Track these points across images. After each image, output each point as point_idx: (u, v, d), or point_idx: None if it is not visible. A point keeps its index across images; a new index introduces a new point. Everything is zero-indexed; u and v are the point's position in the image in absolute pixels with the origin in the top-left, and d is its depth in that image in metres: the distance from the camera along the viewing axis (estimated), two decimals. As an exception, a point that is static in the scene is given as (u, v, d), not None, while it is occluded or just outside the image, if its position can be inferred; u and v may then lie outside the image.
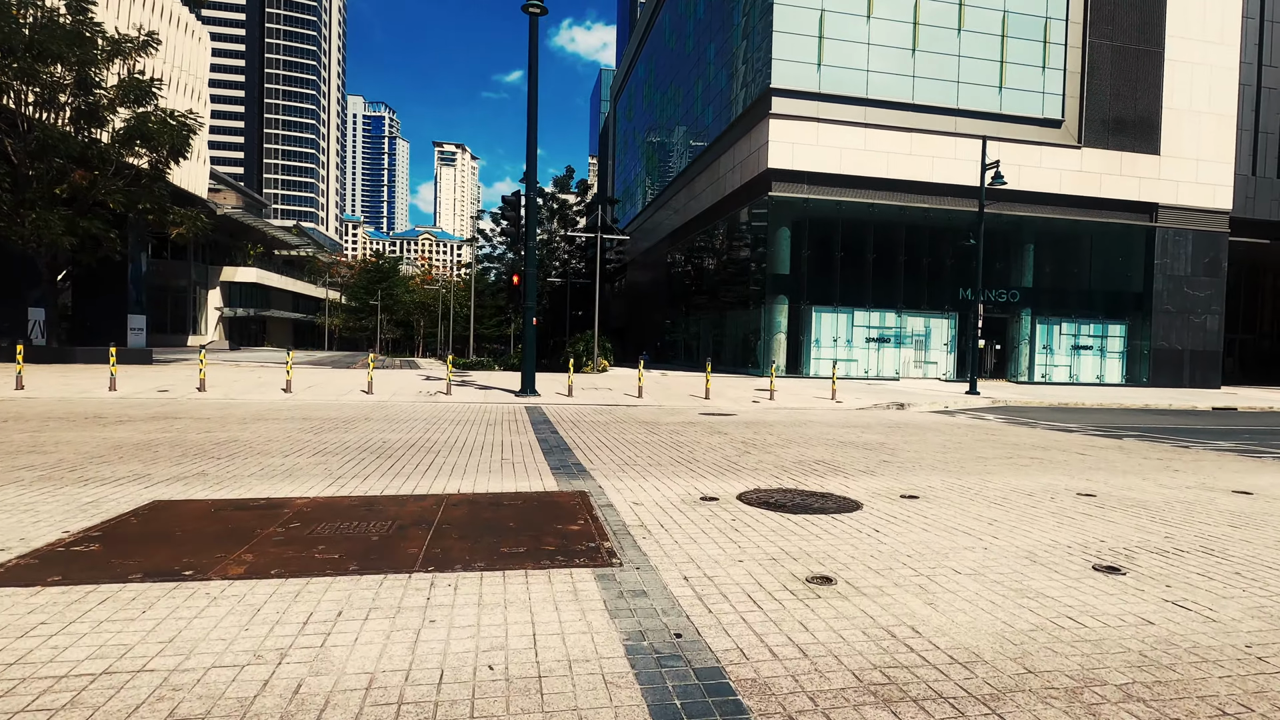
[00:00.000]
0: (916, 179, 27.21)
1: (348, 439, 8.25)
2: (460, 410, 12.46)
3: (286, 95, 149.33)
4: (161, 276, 56.00)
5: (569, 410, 13.24)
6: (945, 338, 28.56)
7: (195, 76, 45.09)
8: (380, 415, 11.20)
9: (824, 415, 13.85)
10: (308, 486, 5.38)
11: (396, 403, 13.63)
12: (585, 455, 7.53)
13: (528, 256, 15.61)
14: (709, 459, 7.48)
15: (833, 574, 3.54)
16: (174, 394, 13.92)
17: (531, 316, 15.55)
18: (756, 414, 13.64)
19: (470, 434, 9.08)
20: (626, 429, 10.28)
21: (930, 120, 27.37)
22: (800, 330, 27.42)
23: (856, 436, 10.16)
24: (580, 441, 8.68)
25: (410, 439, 8.42)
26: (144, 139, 20.35)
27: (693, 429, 10.54)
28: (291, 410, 11.65)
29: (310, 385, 16.39)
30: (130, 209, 21.47)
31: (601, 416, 12.16)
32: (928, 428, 11.84)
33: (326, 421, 10.07)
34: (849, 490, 5.87)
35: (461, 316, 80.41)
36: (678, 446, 8.48)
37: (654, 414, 12.96)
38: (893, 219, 27.70)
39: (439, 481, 5.72)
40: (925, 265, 28.23)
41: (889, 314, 27.94)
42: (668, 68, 43.74)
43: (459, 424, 10.28)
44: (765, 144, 26.09)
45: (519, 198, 15.56)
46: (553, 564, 3.57)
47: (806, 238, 27.06)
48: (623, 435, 9.51)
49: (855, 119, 26.69)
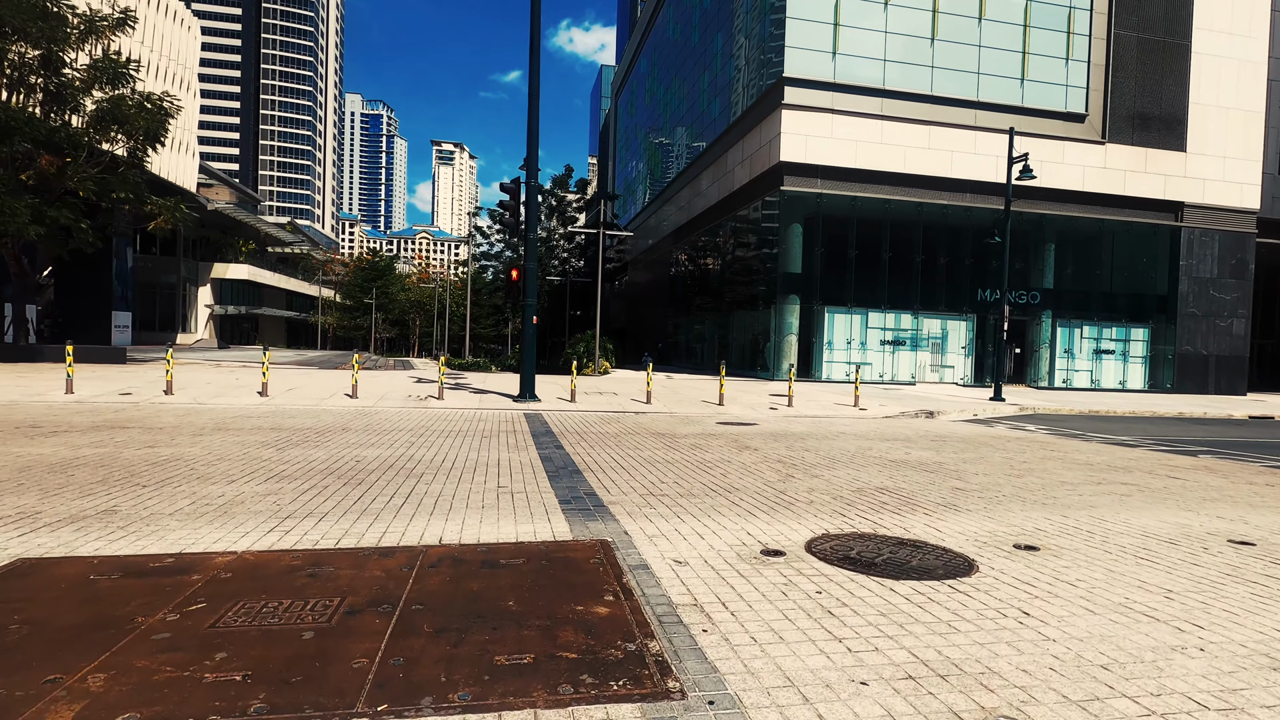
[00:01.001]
0: (934, 174, 25.97)
1: (315, 457, 6.95)
2: (452, 418, 11.16)
3: (282, 91, 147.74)
4: (150, 273, 54.56)
5: (573, 418, 11.95)
6: (963, 340, 27.33)
7: (184, 66, 43.70)
8: (361, 424, 9.89)
9: (853, 425, 12.58)
10: (241, 533, 4.08)
11: (381, 409, 12.33)
12: (599, 480, 6.24)
13: (528, 249, 14.32)
14: (748, 486, 6.19)
15: (1016, 712, 2.26)
16: (137, 398, 12.60)
17: (532, 315, 14.26)
18: (779, 423, 12.36)
19: (461, 449, 7.79)
20: (641, 443, 8.99)
21: (949, 113, 26.14)
22: (812, 332, 26.16)
23: (904, 453, 8.88)
24: (590, 460, 7.39)
25: (390, 457, 7.11)
26: (118, 122, 19.01)
27: (715, 443, 9.26)
28: (261, 418, 10.34)
29: (291, 388, 15.08)
30: (104, 197, 20.12)
31: (610, 426, 10.87)
32: (978, 442, 10.56)
33: (297, 433, 8.76)
34: (942, 535, 4.59)
35: (458, 316, 79.01)
36: (705, 467, 7.19)
37: (667, 423, 11.68)
38: (909, 216, 26.47)
39: (417, 523, 4.42)
40: (943, 265, 27.00)
41: (904, 315, 26.70)
42: (671, 61, 42.50)
43: (449, 436, 8.98)
44: (777, 136, 24.83)
45: (519, 185, 14.29)
46: (577, 692, 2.29)
47: (820, 235, 25.80)
48: (638, 451, 8.22)
49: (871, 110, 25.45)
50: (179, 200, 22.14)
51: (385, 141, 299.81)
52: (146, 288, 54.92)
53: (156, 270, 55.07)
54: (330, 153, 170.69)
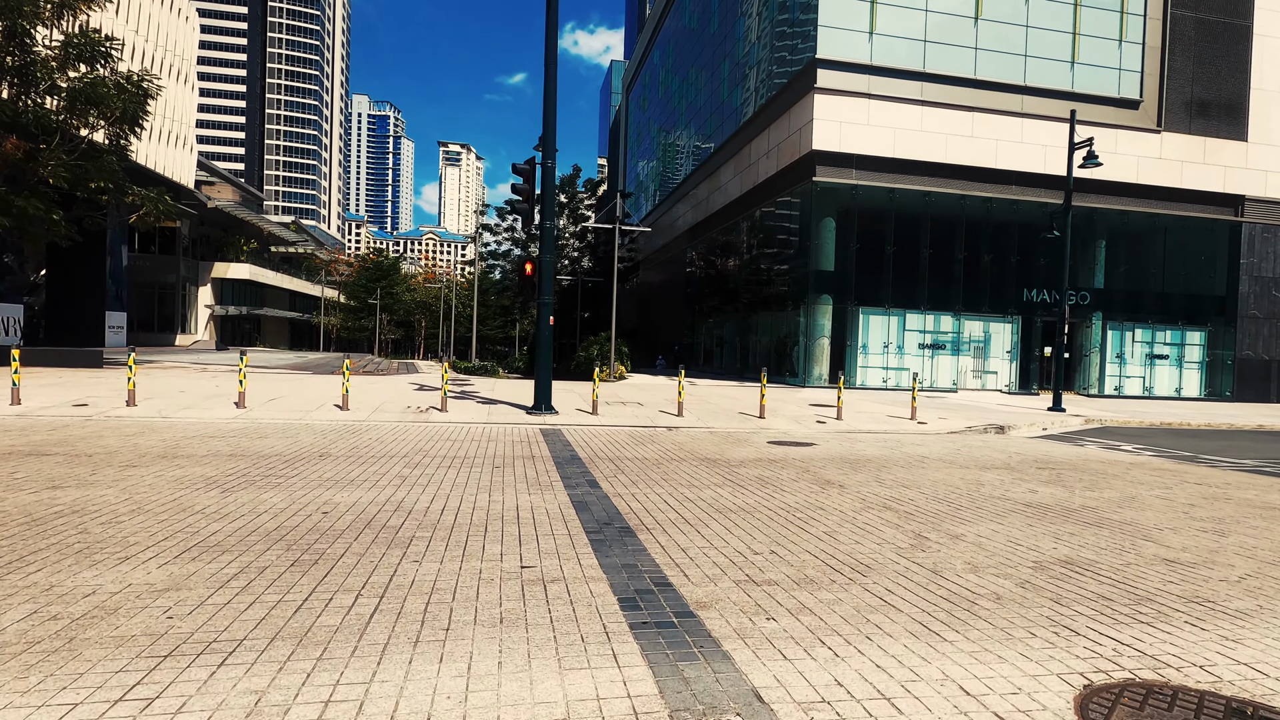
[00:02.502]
0: (978, 164, 24.02)
1: (268, 507, 5.11)
2: (456, 438, 9.31)
3: (288, 91, 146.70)
4: (148, 272, 53.10)
5: (599, 437, 10.09)
6: (1007, 344, 25.33)
7: (181, 57, 42.20)
8: (344, 448, 8.06)
9: (927, 445, 10.68)
10: (62, 709, 2.23)
11: (374, 425, 10.50)
12: (663, 548, 4.37)
13: (544, 240, 12.50)
14: (878, 559, 4.32)
15: None
16: (92, 409, 10.83)
17: (548, 314, 12.42)
18: (840, 443, 10.47)
19: (467, 490, 5.94)
20: (694, 476, 7.11)
21: (994, 98, 24.19)
22: (845, 334, 24.23)
23: (1028, 492, 6.98)
24: (640, 507, 5.53)
25: (370, 505, 5.26)
26: (93, 104, 17.31)
27: (784, 474, 7.38)
28: (226, 438, 8.52)
29: (274, 398, 13.28)
30: (79, 186, 18.43)
31: (646, 449, 9.00)
32: (1095, 469, 8.63)
33: (261, 462, 6.94)
34: (1275, 686, 2.70)
35: (464, 317, 77.33)
36: (797, 520, 5.31)
37: (711, 443, 9.81)
38: (950, 210, 24.52)
39: (389, 671, 2.57)
40: (986, 263, 25.02)
41: (945, 317, 24.74)
42: (688, 51, 40.66)
43: (452, 465, 7.14)
44: (809, 123, 22.94)
45: (533, 167, 12.48)
46: None
47: (854, 230, 23.88)
48: (695, 490, 6.34)
49: (910, 95, 23.53)
50: (163, 191, 20.41)
51: (392, 142, 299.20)
52: (145, 287, 53.47)
53: (155, 269, 53.59)
54: (336, 153, 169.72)
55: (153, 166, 38.45)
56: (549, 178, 12.49)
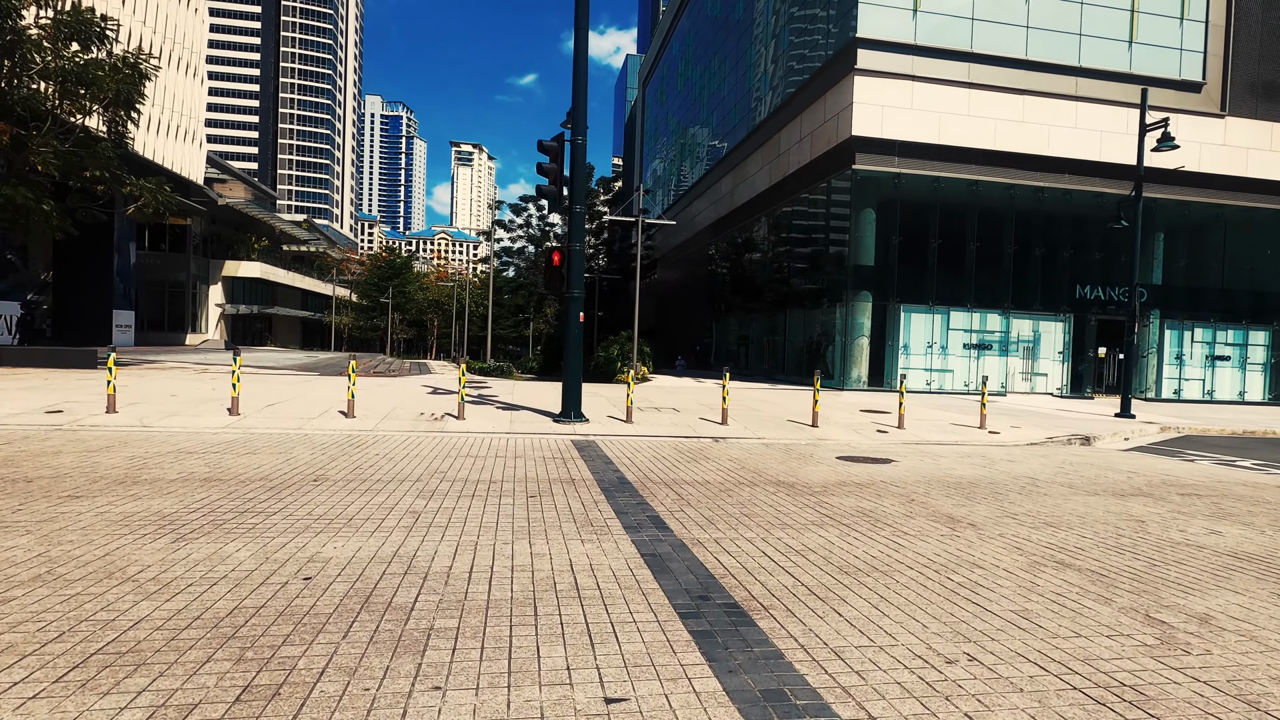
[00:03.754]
0: (1028, 151, 22.35)
1: (229, 567, 3.71)
2: (477, 453, 7.91)
3: (302, 90, 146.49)
4: (158, 270, 52.31)
5: (642, 452, 8.66)
6: (1058, 344, 23.63)
7: (190, 50, 41.20)
8: (344, 470, 6.67)
9: (1024, 463, 9.15)
10: None
11: (382, 436, 9.13)
12: (801, 643, 2.92)
13: (573, 226, 11.09)
14: (1139, 669, 2.84)
15: None
16: (66, 417, 9.55)
17: (578, 309, 11.01)
18: (921, 460, 8.97)
19: (499, 538, 4.51)
20: (781, 511, 5.65)
21: (1046, 80, 22.52)
22: (885, 334, 22.65)
23: (1205, 532, 5.46)
24: (736, 564, 4.07)
25: (369, 565, 3.84)
26: (84, 85, 16.12)
27: (886, 505, 5.91)
28: (205, 454, 7.16)
29: (272, 403, 11.96)
30: (71, 175, 17.25)
31: (703, 468, 7.55)
32: (1263, 498, 7.08)
33: (238, 490, 5.56)
34: None
35: (477, 316, 76.19)
36: (960, 590, 3.84)
37: (774, 460, 8.34)
38: (998, 200, 22.86)
39: None
40: (1037, 257, 23.33)
41: (992, 315, 23.08)
42: (710, 39, 39.14)
43: (475, 495, 5.72)
44: (849, 107, 21.38)
45: (562, 144, 11.07)
46: None
47: (896, 222, 22.28)
48: (795, 535, 4.88)
49: (957, 77, 21.91)
50: (163, 181, 19.19)
51: (405, 143, 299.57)
52: (154, 286, 52.70)
53: (165, 267, 52.76)
54: (349, 153, 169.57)
55: (160, 161, 37.46)
56: (579, 156, 11.09)
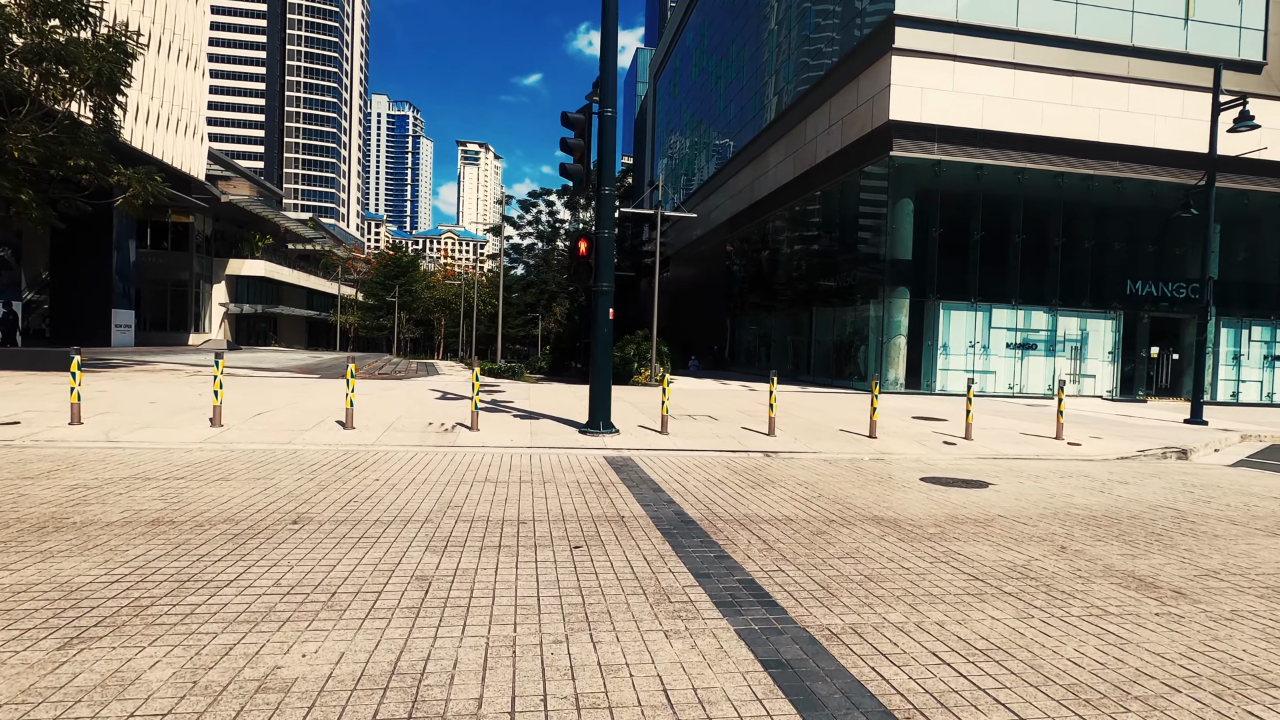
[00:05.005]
0: (1077, 137, 20.84)
1: (131, 691, 2.32)
2: (498, 478, 6.53)
3: (308, 89, 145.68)
4: (160, 269, 51.24)
5: (691, 474, 7.26)
6: (1108, 344, 22.10)
7: (191, 42, 40.06)
8: (334, 503, 5.30)
9: (1143, 485, 7.72)
10: None
11: (384, 453, 7.77)
12: None
13: (601, 210, 9.71)
14: None
15: None
16: (23, 430, 8.26)
17: (608, 304, 9.63)
18: (1019, 483, 7.55)
19: (544, 628, 3.11)
20: (911, 571, 4.23)
21: (1096, 61, 21.00)
22: (922, 333, 21.19)
23: None
24: (912, 684, 2.68)
25: (351, 688, 2.45)
26: (62, 63, 14.86)
27: (1035, 555, 4.49)
28: (165, 484, 5.82)
29: (262, 411, 10.63)
30: (53, 164, 15.99)
31: (774, 497, 6.15)
32: None
33: (189, 539, 4.20)
34: None
35: (484, 315, 74.96)
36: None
37: (851, 484, 6.93)
38: (1044, 190, 21.35)
39: None
40: (1086, 250, 21.80)
41: (1037, 313, 21.57)
42: (728, 25, 37.68)
43: (502, 547, 4.34)
44: (885, 89, 19.93)
45: (589, 117, 9.69)
46: None
47: (936, 213, 20.82)
48: (962, 617, 3.47)
49: (1001, 57, 20.42)
50: (152, 170, 17.90)
51: (411, 142, 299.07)
52: (157, 284, 51.66)
53: (168, 266, 51.69)
54: (355, 151, 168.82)
55: (159, 155, 36.31)
56: (608, 131, 9.70)
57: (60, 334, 37.13)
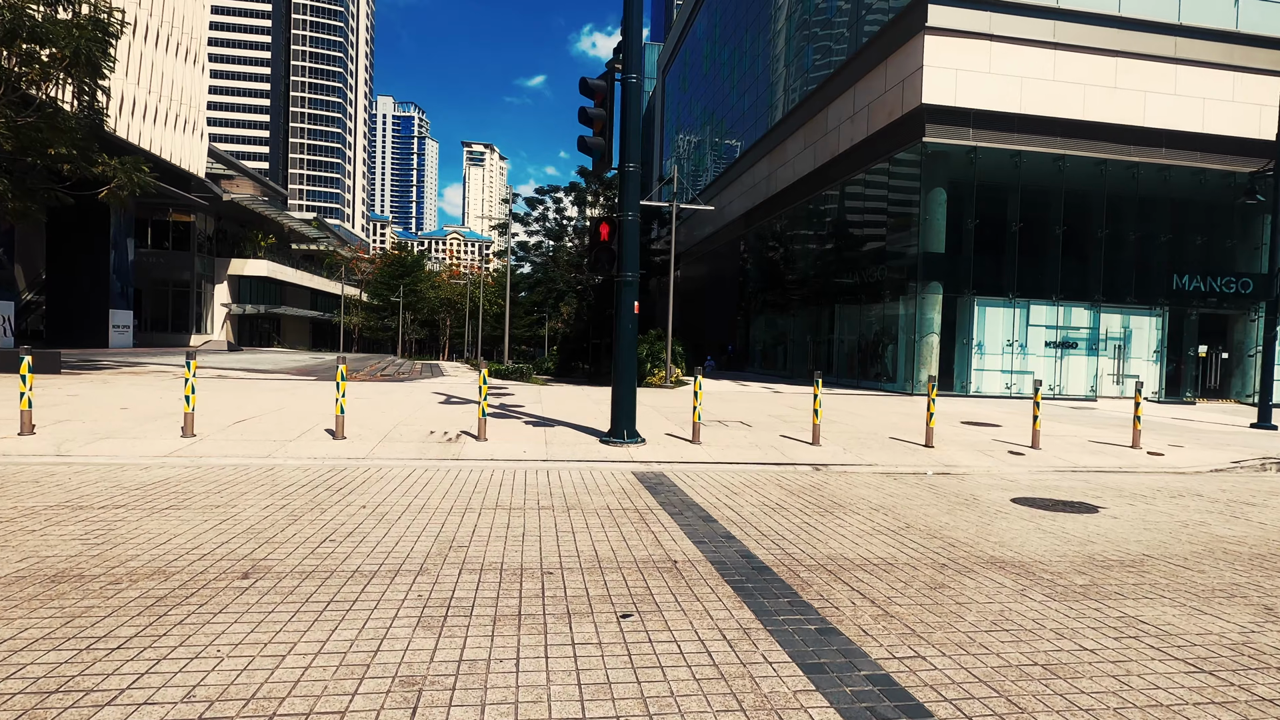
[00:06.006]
0: (1121, 122, 19.54)
1: None
2: (511, 503, 5.34)
3: (313, 89, 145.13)
4: (162, 269, 50.35)
5: (743, 495, 6.06)
6: (1152, 342, 20.77)
7: (190, 35, 39.09)
8: (303, 545, 4.12)
9: (1271, 505, 6.49)
10: None
11: (376, 471, 6.61)
12: None
13: (625, 190, 8.53)
14: None
15: None
16: (-40, 441, 7.13)
17: (633, 297, 8.46)
18: (1135, 508, 6.32)
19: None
20: (1077, 634, 3.02)
21: (1141, 40, 19.71)
22: (956, 330, 19.92)
23: None
24: None
25: None
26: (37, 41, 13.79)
27: (1224, 613, 3.27)
28: (99, 515, 4.66)
29: (244, 418, 9.49)
30: (30, 152, 14.93)
31: (853, 531, 4.94)
32: None
33: (100, 601, 3.03)
34: None
35: (490, 315, 73.90)
36: None
37: (934, 508, 5.71)
38: (1086, 178, 20.06)
39: None
40: (1130, 243, 20.49)
41: (1078, 309, 20.27)
42: (742, 14, 36.47)
43: (524, 615, 3.14)
44: (918, 70, 18.70)
45: (610, 84, 8.50)
46: None
47: (971, 204, 19.56)
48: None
49: (1041, 36, 19.16)
50: (139, 159, 16.83)
51: (417, 143, 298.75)
52: (158, 284, 50.82)
53: (169, 266, 50.78)
54: (361, 152, 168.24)
55: (157, 151, 35.34)
56: (632, 99, 8.51)
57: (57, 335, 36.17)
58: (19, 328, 39.64)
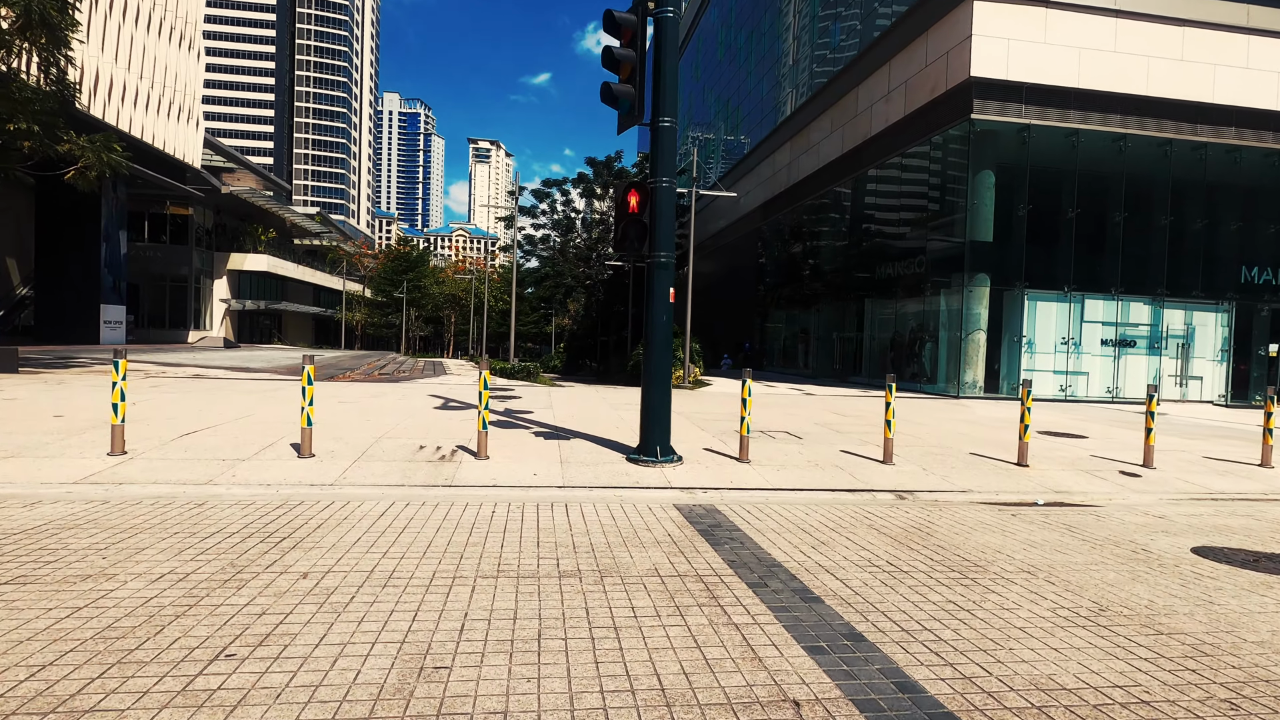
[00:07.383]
0: (1188, 98, 17.78)
1: None
2: (518, 566, 3.68)
3: (318, 84, 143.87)
4: (159, 263, 49.00)
5: (833, 544, 4.39)
6: (1217, 340, 19.01)
7: (185, 19, 37.58)
8: (173, 676, 2.48)
9: None
10: None
11: (340, 506, 4.98)
12: None
13: (659, 149, 6.88)
14: None
15: None
16: None
17: (668, 282, 6.82)
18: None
19: None
20: None
21: (1210, 8, 17.94)
22: (1003, 327, 18.21)
23: None
24: None
25: None
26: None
27: None
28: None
29: (195, 429, 7.90)
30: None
31: (1032, 623, 3.26)
32: None
33: None
34: None
35: (495, 312, 72.34)
36: None
37: (1102, 565, 4.03)
38: (1149, 160, 18.28)
39: None
40: (1196, 232, 18.71)
41: (1137, 304, 18.52)
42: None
43: None
44: (966, 40, 16.97)
45: (642, 18, 6.88)
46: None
47: (1024, 188, 17.82)
48: None
49: (1102, 4, 17.40)
50: (110, 136, 15.29)
51: (423, 140, 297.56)
52: (155, 279, 49.43)
53: (166, 260, 49.41)
54: (366, 148, 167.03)
55: (149, 139, 33.88)
56: (668, 37, 6.85)
57: (47, 331, 34.76)
58: (11, 324, 38.37)
